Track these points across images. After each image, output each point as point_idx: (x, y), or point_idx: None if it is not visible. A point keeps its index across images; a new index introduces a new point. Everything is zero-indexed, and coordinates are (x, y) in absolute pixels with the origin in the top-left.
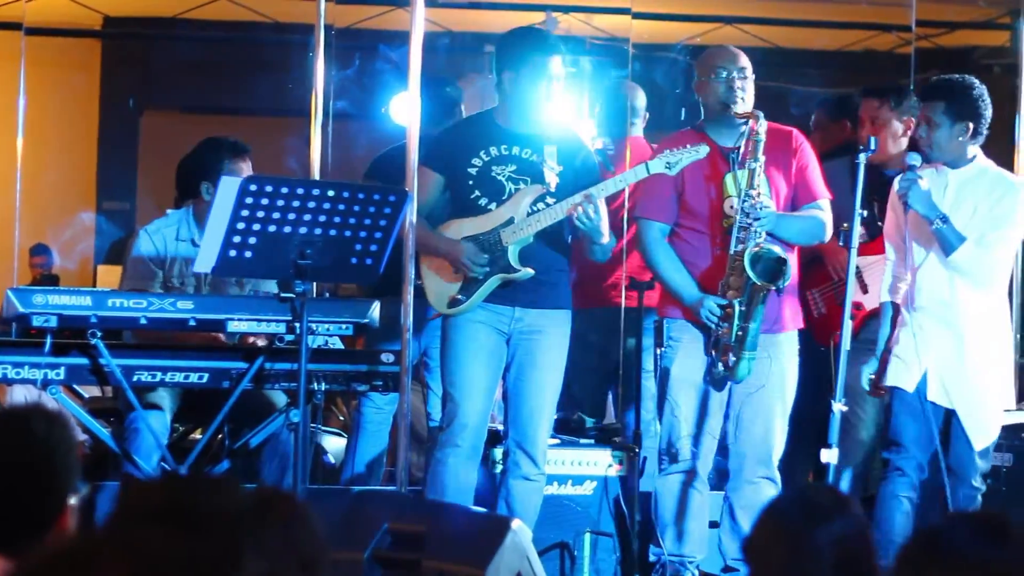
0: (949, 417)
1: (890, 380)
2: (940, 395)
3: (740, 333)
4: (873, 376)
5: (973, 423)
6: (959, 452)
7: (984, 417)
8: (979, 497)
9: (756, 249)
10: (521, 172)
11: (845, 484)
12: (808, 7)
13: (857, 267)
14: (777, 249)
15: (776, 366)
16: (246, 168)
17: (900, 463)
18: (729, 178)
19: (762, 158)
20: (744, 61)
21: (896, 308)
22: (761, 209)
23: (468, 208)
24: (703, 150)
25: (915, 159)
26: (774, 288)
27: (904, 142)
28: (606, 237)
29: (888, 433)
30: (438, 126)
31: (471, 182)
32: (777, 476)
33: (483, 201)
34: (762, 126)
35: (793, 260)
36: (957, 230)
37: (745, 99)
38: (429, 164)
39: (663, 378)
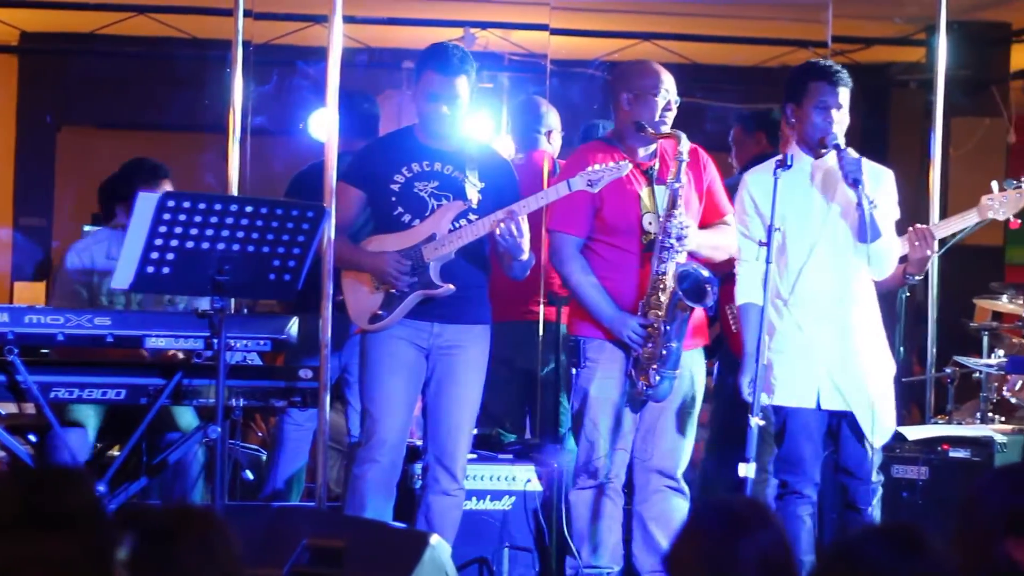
0: (839, 418)
1: (787, 400)
2: (835, 399)
3: (664, 352)
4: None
5: (868, 422)
6: (853, 451)
7: (881, 414)
8: (880, 488)
9: (683, 269)
10: (443, 188)
11: (769, 494)
12: (725, 23)
13: None
14: (704, 270)
15: (686, 382)
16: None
17: (798, 486)
18: (646, 193)
19: (684, 179)
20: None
21: (760, 310)
22: (684, 229)
23: (390, 224)
24: (625, 167)
25: (837, 138)
26: (702, 307)
27: None
28: (526, 254)
29: (782, 452)
30: (357, 143)
31: (393, 198)
32: (684, 486)
33: (406, 217)
34: (685, 146)
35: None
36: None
37: (668, 121)
38: (350, 181)
39: (581, 398)
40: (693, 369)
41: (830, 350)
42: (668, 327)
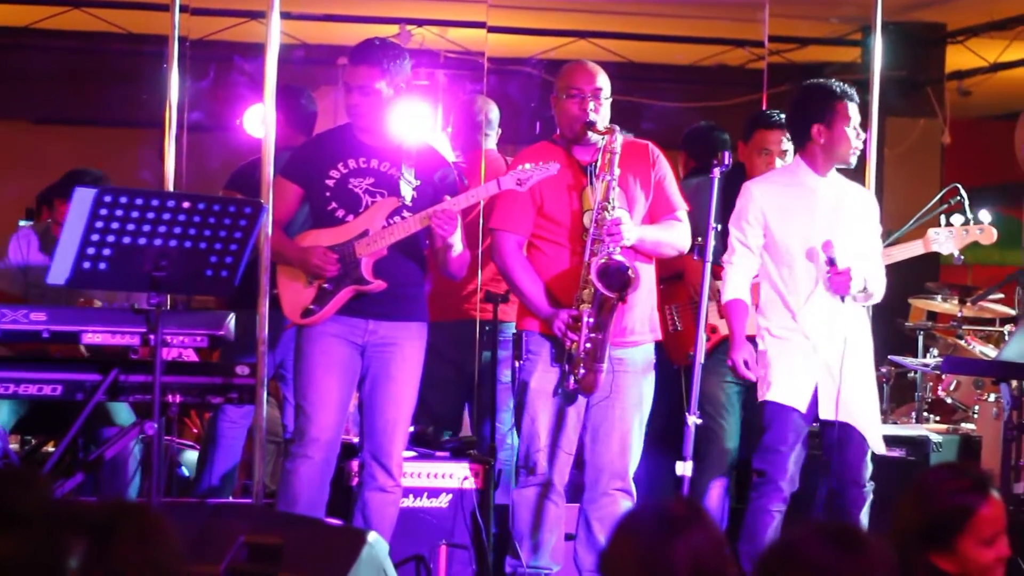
0: (839, 427)
1: (780, 397)
2: (831, 410)
3: (589, 345)
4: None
5: (873, 432)
6: (853, 459)
7: (877, 423)
8: (871, 495)
9: (603, 260)
10: (378, 185)
11: (715, 496)
12: (662, 22)
13: (719, 291)
14: (626, 260)
15: (631, 379)
16: None
17: (774, 474)
18: (588, 191)
19: (617, 172)
20: (600, 81)
21: (745, 307)
22: (618, 223)
23: (325, 219)
24: (553, 167)
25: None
26: (618, 299)
27: None
28: (459, 248)
29: (765, 440)
30: (295, 138)
31: (328, 194)
32: (633, 489)
33: (339, 213)
34: (617, 141)
35: (650, 272)
36: None
37: (600, 117)
38: (288, 176)
39: (521, 391)
40: (640, 366)
41: (831, 366)
42: (592, 320)
